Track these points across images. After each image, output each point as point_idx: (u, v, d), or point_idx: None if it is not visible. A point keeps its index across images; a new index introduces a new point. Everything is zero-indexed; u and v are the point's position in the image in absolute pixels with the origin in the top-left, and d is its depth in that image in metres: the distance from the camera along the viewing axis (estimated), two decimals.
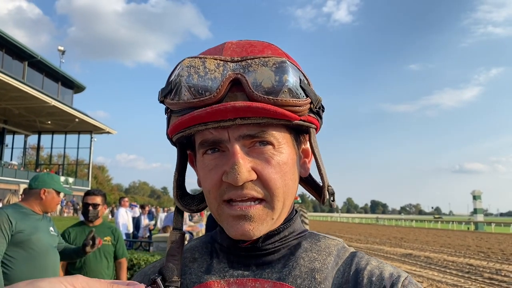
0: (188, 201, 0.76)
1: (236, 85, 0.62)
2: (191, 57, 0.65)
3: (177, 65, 0.65)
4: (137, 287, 0.56)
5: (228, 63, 0.63)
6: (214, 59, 0.64)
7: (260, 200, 0.64)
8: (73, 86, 40.94)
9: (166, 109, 0.70)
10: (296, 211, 0.77)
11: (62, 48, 41.84)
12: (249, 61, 0.63)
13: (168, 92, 0.65)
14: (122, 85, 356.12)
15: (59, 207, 34.43)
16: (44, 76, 35.65)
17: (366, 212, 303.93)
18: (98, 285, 0.52)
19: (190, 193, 0.78)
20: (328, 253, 0.70)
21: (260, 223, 0.64)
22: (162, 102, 0.68)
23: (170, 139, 0.72)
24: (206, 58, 0.64)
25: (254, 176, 0.63)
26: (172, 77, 0.65)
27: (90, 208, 3.86)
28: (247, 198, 0.63)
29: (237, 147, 0.62)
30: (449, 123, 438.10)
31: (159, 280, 0.61)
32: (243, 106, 0.59)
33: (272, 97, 0.61)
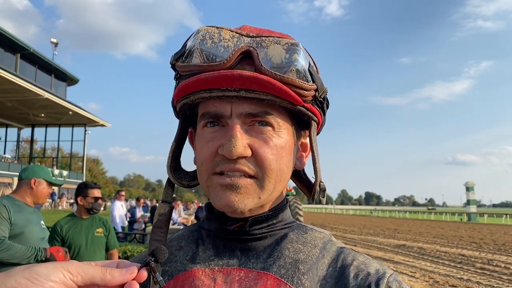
0: (181, 175, 0.76)
1: (247, 58, 0.64)
2: (209, 26, 0.66)
3: (194, 32, 0.67)
4: (131, 268, 0.55)
5: (243, 36, 0.65)
6: (230, 30, 0.66)
7: (251, 176, 0.65)
8: (66, 79, 40.51)
9: (176, 75, 0.70)
10: (287, 201, 0.77)
11: (55, 40, 41.28)
12: (263, 38, 0.64)
13: (180, 56, 0.67)
14: (113, 78, 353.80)
15: (49, 199, 34.24)
16: (37, 69, 35.25)
17: (360, 204, 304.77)
18: (92, 270, 0.52)
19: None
20: (314, 245, 0.71)
21: (246, 197, 0.64)
22: (173, 66, 0.69)
23: (174, 107, 0.73)
24: (223, 28, 0.66)
25: (249, 152, 0.63)
26: (187, 41, 0.67)
27: (100, 201, 3.95)
28: (238, 173, 0.64)
29: (237, 122, 0.63)
30: (441, 116, 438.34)
31: (153, 263, 0.59)
32: (250, 76, 0.60)
33: (279, 73, 0.61)
